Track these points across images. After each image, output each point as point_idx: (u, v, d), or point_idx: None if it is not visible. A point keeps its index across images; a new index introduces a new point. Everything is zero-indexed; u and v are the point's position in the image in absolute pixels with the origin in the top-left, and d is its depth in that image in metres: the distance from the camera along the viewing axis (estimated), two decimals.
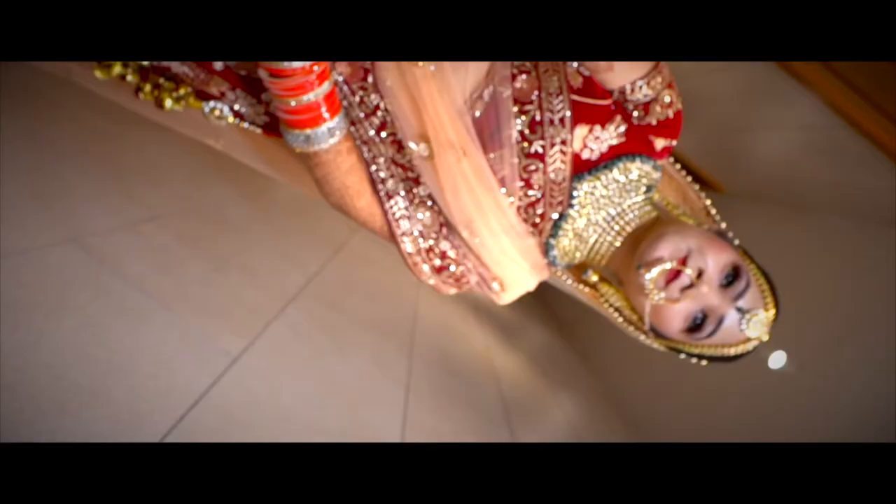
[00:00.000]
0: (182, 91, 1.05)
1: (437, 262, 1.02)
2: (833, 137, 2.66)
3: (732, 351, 0.98)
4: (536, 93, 0.96)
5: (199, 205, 1.76)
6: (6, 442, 0.78)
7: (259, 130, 1.04)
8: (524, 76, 0.96)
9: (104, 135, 1.60)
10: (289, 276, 1.82)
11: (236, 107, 1.03)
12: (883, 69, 2.35)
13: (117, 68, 1.03)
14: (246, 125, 1.05)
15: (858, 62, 2.36)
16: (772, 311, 0.97)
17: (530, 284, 1.05)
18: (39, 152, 1.38)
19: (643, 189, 1.04)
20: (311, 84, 0.83)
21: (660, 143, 1.05)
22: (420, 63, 0.92)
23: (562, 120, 0.96)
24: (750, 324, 0.95)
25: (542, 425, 2.37)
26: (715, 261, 0.93)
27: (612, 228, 1.01)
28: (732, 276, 0.94)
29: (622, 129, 1.01)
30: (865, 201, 3.01)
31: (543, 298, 6.08)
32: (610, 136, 1.00)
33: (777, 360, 3.25)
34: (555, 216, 1.00)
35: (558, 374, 3.44)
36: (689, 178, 1.15)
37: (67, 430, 0.85)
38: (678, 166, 1.16)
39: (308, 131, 0.88)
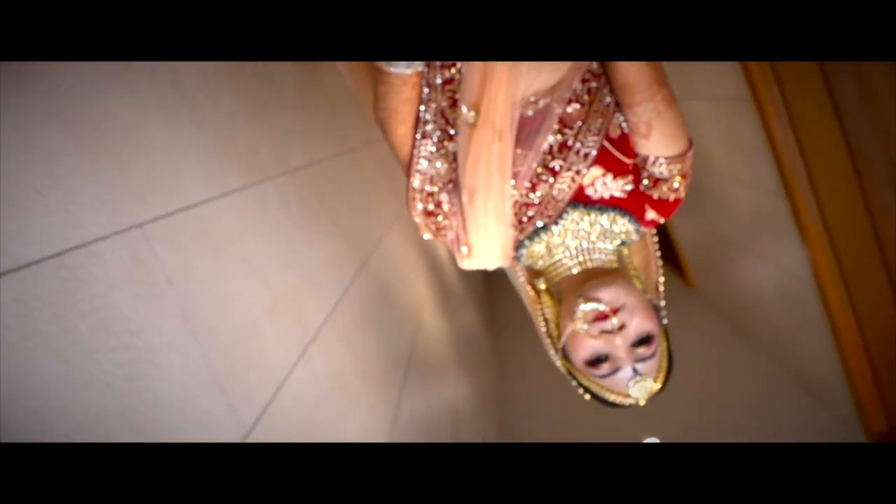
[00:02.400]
0: None
1: (431, 206, 1.17)
2: (802, 294, 2.84)
3: (612, 398, 1.14)
4: (580, 123, 1.11)
5: None
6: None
7: None
8: (577, 105, 1.11)
9: None
10: (296, 152, 1.96)
11: None
12: (872, 264, 2.53)
13: None
14: None
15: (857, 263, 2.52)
16: (658, 385, 1.14)
17: (491, 264, 1.21)
18: None
19: (618, 242, 1.20)
20: None
21: (651, 215, 1.20)
22: None
23: (586, 155, 1.11)
24: (636, 385, 1.11)
25: (431, 390, 2.53)
26: (639, 323, 1.09)
27: (577, 258, 1.17)
28: (644, 342, 1.10)
29: (628, 187, 1.16)
30: (795, 361, 3.22)
31: (492, 293, 6.26)
32: (616, 187, 1.16)
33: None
34: (539, 224, 1.16)
35: (468, 360, 3.62)
36: (658, 254, 1.31)
37: (101, 168, 0.98)
38: (656, 239, 1.32)
39: None
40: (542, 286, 1.23)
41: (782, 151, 2.50)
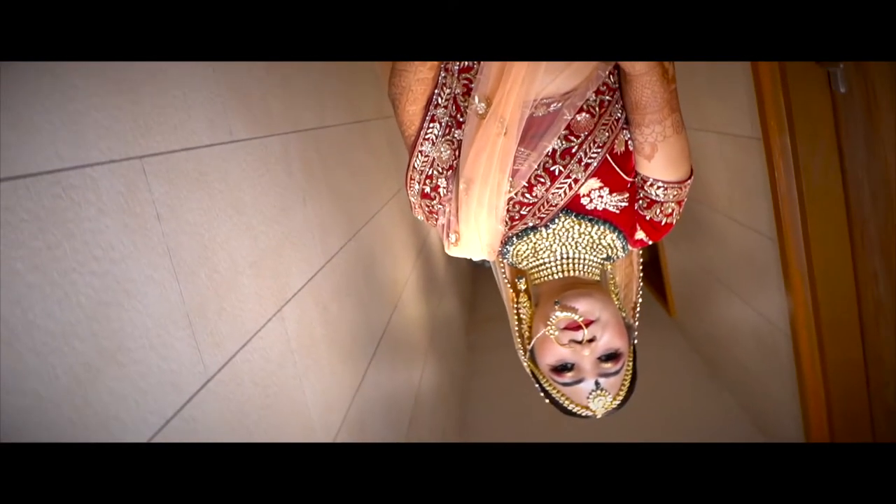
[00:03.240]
0: None
1: (427, 189, 1.18)
2: (777, 341, 2.86)
3: (570, 406, 1.16)
4: (586, 133, 1.12)
5: None
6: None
7: None
8: (587, 115, 1.12)
9: None
10: (306, 113, 1.96)
11: None
12: (849, 324, 2.55)
13: None
14: None
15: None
16: (617, 402, 1.16)
17: (477, 255, 1.22)
18: None
19: (603, 255, 1.21)
20: None
21: (640, 235, 1.22)
22: None
23: (587, 165, 1.13)
24: (596, 399, 1.13)
25: (398, 370, 2.55)
26: (609, 339, 1.11)
27: (561, 264, 1.18)
28: (611, 358, 1.12)
29: (623, 204, 1.18)
30: (758, 404, 3.25)
31: (476, 286, 6.28)
32: (611, 201, 1.17)
33: None
34: (529, 224, 1.17)
35: (440, 348, 3.64)
36: (641, 276, 1.33)
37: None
38: (641, 261, 1.33)
39: None
40: (523, 286, 1.24)
41: (782, 198, 2.51)
